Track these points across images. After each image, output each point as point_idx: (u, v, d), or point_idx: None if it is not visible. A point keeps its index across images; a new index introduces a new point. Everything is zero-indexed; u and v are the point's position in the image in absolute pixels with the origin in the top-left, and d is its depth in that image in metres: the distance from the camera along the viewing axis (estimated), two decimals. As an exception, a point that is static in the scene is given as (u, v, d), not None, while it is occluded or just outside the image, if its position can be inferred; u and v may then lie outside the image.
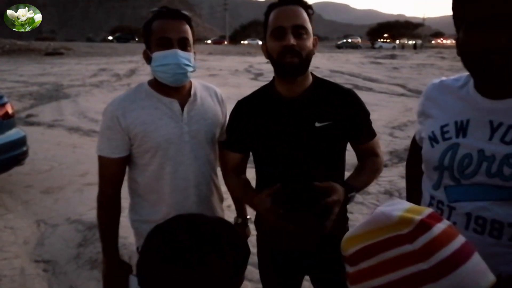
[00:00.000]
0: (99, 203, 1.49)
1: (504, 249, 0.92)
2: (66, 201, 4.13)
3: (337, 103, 1.36)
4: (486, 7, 0.88)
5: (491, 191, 0.93)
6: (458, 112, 1.02)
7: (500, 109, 0.94)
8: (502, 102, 0.94)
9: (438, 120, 1.06)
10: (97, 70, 17.69)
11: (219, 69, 18.44)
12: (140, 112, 1.41)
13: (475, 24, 0.90)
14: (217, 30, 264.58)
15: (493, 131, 0.94)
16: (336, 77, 15.32)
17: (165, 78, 1.40)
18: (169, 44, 1.37)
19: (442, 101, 1.08)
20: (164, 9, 1.42)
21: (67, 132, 7.17)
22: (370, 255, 0.69)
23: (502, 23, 0.87)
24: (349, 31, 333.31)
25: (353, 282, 0.72)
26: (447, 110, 1.05)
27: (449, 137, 1.01)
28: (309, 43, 1.29)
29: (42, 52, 27.99)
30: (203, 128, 1.49)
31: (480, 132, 0.96)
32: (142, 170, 1.47)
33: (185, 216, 0.84)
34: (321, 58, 26.16)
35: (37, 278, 2.81)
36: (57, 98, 10.73)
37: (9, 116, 4.18)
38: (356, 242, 0.72)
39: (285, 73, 1.31)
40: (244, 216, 1.84)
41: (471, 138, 0.97)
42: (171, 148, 1.43)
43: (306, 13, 1.30)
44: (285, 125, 1.34)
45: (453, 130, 1.01)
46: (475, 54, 0.91)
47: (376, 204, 4.01)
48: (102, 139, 1.44)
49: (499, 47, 0.87)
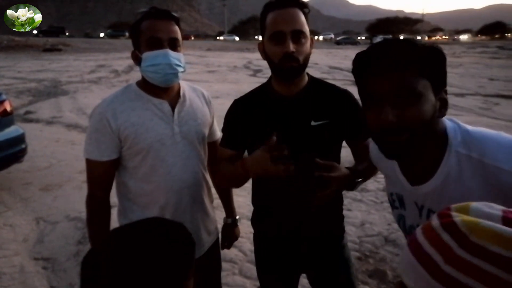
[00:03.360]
0: (88, 207, 1.46)
1: None
2: (65, 198, 4.14)
3: (333, 102, 1.38)
4: (377, 86, 0.90)
5: None
6: (395, 184, 1.09)
7: (418, 194, 1.01)
8: (419, 188, 0.99)
9: (388, 185, 1.17)
10: (95, 66, 17.65)
11: (217, 65, 18.40)
12: (130, 113, 1.39)
13: (369, 101, 0.93)
14: (216, 25, 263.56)
15: (419, 210, 1.02)
16: (335, 74, 15.30)
17: (155, 79, 1.38)
18: (160, 44, 1.35)
19: (384, 169, 1.15)
20: (153, 9, 1.40)
21: (65, 129, 7.17)
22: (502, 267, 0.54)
23: (392, 100, 0.87)
24: (348, 27, 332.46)
25: (460, 269, 0.56)
26: (390, 179, 1.13)
27: (397, 206, 1.12)
28: (307, 47, 1.31)
29: (40, 48, 27.86)
30: (193, 129, 1.48)
31: (412, 209, 1.05)
32: (133, 173, 1.44)
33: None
34: (319, 54, 26.12)
35: (36, 276, 2.82)
36: (55, 94, 10.70)
37: (7, 113, 4.17)
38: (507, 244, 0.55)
39: (284, 77, 1.33)
40: (234, 216, 1.84)
41: (409, 212, 1.07)
42: (163, 149, 1.41)
43: (303, 13, 1.30)
44: (282, 123, 1.36)
45: (397, 201, 1.11)
46: (372, 130, 0.94)
47: (374, 201, 4.03)
48: (90, 142, 1.40)
49: (388, 126, 0.88)
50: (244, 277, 2.78)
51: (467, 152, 0.91)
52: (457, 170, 0.91)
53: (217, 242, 1.72)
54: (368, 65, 0.92)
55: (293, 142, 1.34)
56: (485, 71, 14.56)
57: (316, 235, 1.47)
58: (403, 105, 0.87)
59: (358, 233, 3.37)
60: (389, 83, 0.87)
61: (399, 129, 0.87)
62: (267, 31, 1.31)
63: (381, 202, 3.99)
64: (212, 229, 1.64)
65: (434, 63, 0.89)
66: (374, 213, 3.75)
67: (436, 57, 0.90)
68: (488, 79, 13.97)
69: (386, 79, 0.88)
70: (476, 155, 0.89)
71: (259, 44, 1.38)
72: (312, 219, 1.43)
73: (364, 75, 0.93)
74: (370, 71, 0.91)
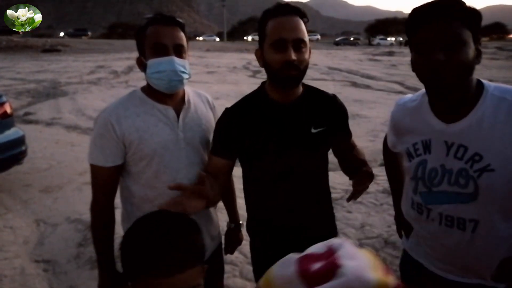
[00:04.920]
0: (93, 213, 1.46)
1: (468, 238, 1.17)
2: (65, 200, 4.14)
3: (327, 109, 1.43)
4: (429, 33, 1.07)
5: (453, 196, 1.16)
6: (423, 132, 1.22)
7: (450, 131, 1.15)
8: (452, 126, 1.15)
9: (410, 139, 1.27)
10: (94, 67, 17.63)
11: (217, 66, 18.41)
12: (135, 119, 1.39)
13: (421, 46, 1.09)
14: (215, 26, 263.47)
15: (448, 148, 1.16)
16: (334, 74, 15.32)
17: (160, 85, 1.39)
18: (165, 51, 1.35)
19: (410, 124, 1.28)
20: (159, 15, 1.40)
21: (65, 130, 7.16)
22: None
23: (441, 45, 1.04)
24: (347, 28, 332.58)
25: None
26: (415, 131, 1.25)
27: (420, 153, 1.23)
28: (306, 55, 1.31)
29: (39, 49, 27.85)
30: (197, 135, 1.48)
31: (440, 150, 1.18)
32: (137, 178, 1.44)
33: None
34: (319, 54, 26.13)
35: (37, 278, 2.82)
36: (54, 95, 10.69)
37: (7, 115, 4.17)
38: None
39: (284, 85, 1.33)
40: (237, 221, 1.84)
41: (434, 154, 1.19)
42: (167, 155, 1.41)
43: (303, 22, 1.31)
44: (280, 130, 1.36)
45: (422, 148, 1.23)
46: (423, 71, 1.10)
47: (374, 203, 4.03)
48: (94, 147, 1.40)
49: (439, 64, 1.04)
50: (245, 279, 2.78)
51: (501, 94, 1.11)
52: (492, 111, 1.09)
53: (220, 246, 1.72)
54: (424, 15, 1.08)
55: (293, 149, 1.35)
56: (484, 72, 14.55)
57: (313, 239, 1.47)
58: (451, 49, 1.03)
59: (358, 235, 3.37)
60: (440, 30, 1.05)
61: (448, 68, 1.03)
62: (268, 38, 1.30)
63: (381, 204, 4.00)
64: (215, 234, 1.64)
65: (475, 18, 1.07)
66: (374, 215, 3.75)
67: (476, 14, 1.07)
68: (487, 80, 13.96)
69: (438, 27, 1.05)
70: (509, 97, 1.09)
71: (257, 51, 1.38)
72: (308, 225, 1.44)
73: (419, 24, 1.09)
74: (424, 20, 1.07)
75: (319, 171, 1.48)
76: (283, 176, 1.39)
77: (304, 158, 1.39)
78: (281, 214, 1.43)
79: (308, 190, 1.43)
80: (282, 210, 1.43)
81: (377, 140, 6.31)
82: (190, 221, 0.95)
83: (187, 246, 0.87)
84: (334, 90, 9.47)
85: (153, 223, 0.91)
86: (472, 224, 1.15)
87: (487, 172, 1.09)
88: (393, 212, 1.63)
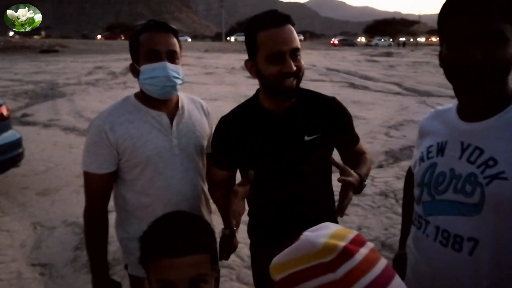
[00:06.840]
0: (86, 220, 1.46)
1: (464, 262, 1.00)
2: (62, 203, 4.13)
3: (323, 114, 1.39)
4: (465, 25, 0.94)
5: (455, 207, 1.02)
6: (441, 134, 1.11)
7: (470, 131, 1.03)
8: (473, 124, 1.02)
9: (426, 142, 1.16)
10: (92, 68, 17.60)
11: (215, 66, 18.41)
12: (128, 125, 1.39)
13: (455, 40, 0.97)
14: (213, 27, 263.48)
15: (462, 150, 1.03)
16: (333, 75, 15.34)
17: (153, 91, 1.38)
18: (158, 57, 1.35)
19: (432, 127, 1.17)
20: (152, 22, 1.40)
21: (63, 132, 7.15)
22: (296, 282, 0.69)
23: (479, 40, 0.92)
24: (345, 28, 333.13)
25: None
26: (434, 133, 1.14)
27: (432, 156, 1.11)
28: (302, 61, 1.30)
29: (37, 50, 27.82)
30: (192, 141, 1.48)
31: (454, 151, 1.05)
32: (131, 185, 1.44)
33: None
34: (317, 55, 26.17)
35: (34, 282, 2.82)
36: (52, 97, 10.67)
37: (4, 118, 4.16)
38: (283, 268, 0.72)
39: (282, 96, 1.32)
40: (231, 227, 1.84)
41: (446, 157, 1.07)
42: (161, 162, 1.41)
43: (293, 27, 1.30)
44: (274, 139, 1.36)
45: (435, 150, 1.10)
46: (454, 68, 0.98)
47: (371, 205, 4.04)
48: (88, 154, 1.40)
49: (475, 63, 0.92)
50: (241, 283, 2.78)
51: None
52: None
53: None
54: (459, 5, 0.95)
55: (287, 157, 1.35)
56: None
57: None
58: (490, 46, 0.91)
59: (355, 238, 3.37)
60: (478, 23, 0.92)
61: (484, 67, 0.92)
62: (261, 51, 1.27)
63: (378, 206, 4.00)
64: None
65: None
66: (371, 218, 3.75)
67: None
68: None
69: (476, 18, 0.92)
70: None
71: (247, 62, 1.35)
72: (309, 228, 1.44)
73: (453, 14, 0.97)
74: (460, 11, 0.95)
75: (319, 176, 1.46)
76: (282, 182, 1.39)
77: (300, 164, 1.38)
78: (282, 217, 1.43)
79: (308, 194, 1.43)
80: (282, 213, 1.43)
81: (375, 142, 6.33)
82: (203, 220, 1.09)
83: (194, 236, 0.96)
84: (332, 91, 9.50)
85: (169, 217, 1.03)
86: (470, 244, 0.99)
87: (498, 179, 0.95)
88: (390, 215, 1.62)
